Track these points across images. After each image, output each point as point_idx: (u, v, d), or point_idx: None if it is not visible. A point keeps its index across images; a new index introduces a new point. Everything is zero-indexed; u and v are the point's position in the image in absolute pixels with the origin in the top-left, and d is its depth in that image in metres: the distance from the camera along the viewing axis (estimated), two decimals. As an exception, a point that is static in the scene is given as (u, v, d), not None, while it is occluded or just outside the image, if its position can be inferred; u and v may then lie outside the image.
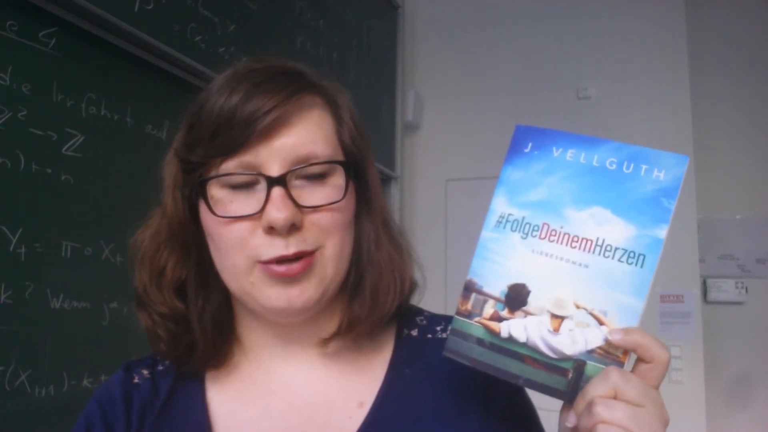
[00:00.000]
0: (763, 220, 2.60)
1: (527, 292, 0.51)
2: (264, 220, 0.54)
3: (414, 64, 2.98)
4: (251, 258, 0.55)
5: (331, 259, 0.57)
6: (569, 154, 0.52)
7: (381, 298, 0.61)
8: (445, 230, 2.80)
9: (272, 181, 0.54)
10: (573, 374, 0.48)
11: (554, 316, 0.49)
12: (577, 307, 0.49)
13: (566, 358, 0.48)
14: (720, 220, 2.64)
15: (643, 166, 0.50)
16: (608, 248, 0.49)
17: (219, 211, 0.55)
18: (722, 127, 2.65)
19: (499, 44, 2.82)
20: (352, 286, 0.62)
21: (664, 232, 0.48)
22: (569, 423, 0.47)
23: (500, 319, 0.51)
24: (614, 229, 0.50)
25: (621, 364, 0.47)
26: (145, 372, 0.64)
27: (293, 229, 0.54)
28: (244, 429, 0.60)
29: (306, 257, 0.55)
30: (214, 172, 0.56)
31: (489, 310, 0.51)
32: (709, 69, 2.65)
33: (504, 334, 0.51)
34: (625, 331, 0.47)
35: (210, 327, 0.61)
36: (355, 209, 0.61)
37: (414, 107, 2.85)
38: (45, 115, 1.13)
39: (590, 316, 0.49)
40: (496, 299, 0.51)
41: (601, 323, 0.48)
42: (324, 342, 0.61)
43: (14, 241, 1.07)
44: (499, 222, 0.53)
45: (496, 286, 0.52)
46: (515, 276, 0.51)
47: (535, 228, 0.52)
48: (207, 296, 0.62)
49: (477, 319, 0.52)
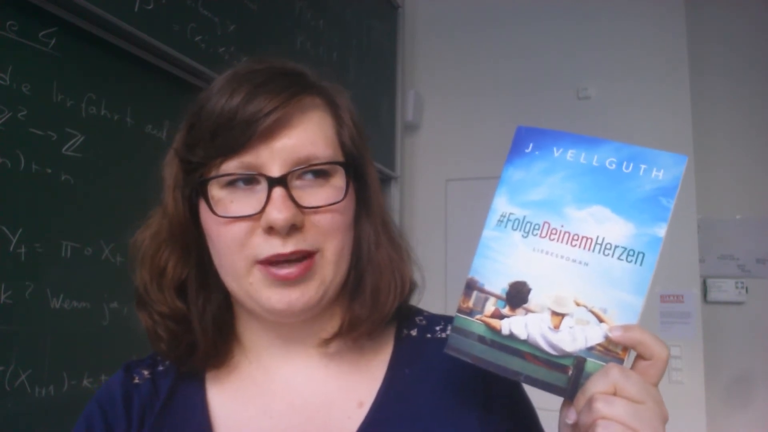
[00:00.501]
0: (763, 220, 2.60)
1: (528, 290, 0.51)
2: (264, 220, 0.54)
3: (414, 64, 2.98)
4: (250, 258, 0.55)
5: (331, 261, 0.57)
6: (570, 154, 0.53)
7: (381, 299, 0.61)
8: (445, 230, 2.80)
9: (273, 182, 0.54)
10: (573, 371, 0.48)
11: (555, 313, 0.50)
12: (578, 304, 0.49)
13: (566, 355, 0.49)
14: (720, 220, 2.65)
15: (642, 166, 0.50)
16: (608, 246, 0.50)
17: (219, 211, 0.55)
18: (722, 127, 2.65)
19: (499, 44, 2.82)
20: (352, 287, 0.62)
21: (663, 231, 0.49)
22: (569, 419, 0.47)
23: (501, 317, 0.51)
24: (614, 228, 0.50)
25: (621, 361, 0.47)
26: (145, 372, 0.64)
27: (293, 229, 0.54)
28: (244, 429, 0.60)
29: (306, 260, 0.55)
30: (214, 172, 0.56)
31: (490, 307, 0.52)
32: (709, 69, 2.65)
33: (505, 332, 0.51)
34: (625, 328, 0.47)
35: (211, 327, 0.61)
36: (355, 209, 0.61)
37: (414, 107, 2.85)
38: (45, 115, 1.13)
39: (590, 314, 0.49)
40: (498, 297, 0.52)
41: (601, 320, 0.48)
42: (325, 342, 0.61)
43: (14, 241, 1.07)
44: (500, 221, 0.53)
45: (497, 284, 0.52)
46: (516, 274, 0.51)
47: (536, 227, 0.52)
48: (207, 296, 0.62)
49: (478, 316, 0.52)
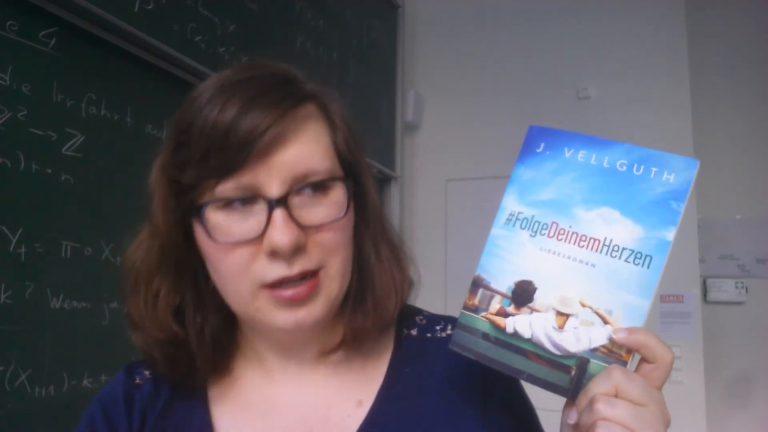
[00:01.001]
0: (763, 220, 2.60)
1: (534, 289, 0.51)
2: (266, 244, 0.51)
3: (414, 64, 2.98)
4: (255, 283, 0.53)
5: (335, 276, 0.56)
6: (581, 155, 0.53)
7: (383, 306, 0.60)
8: (445, 230, 2.80)
9: (273, 203, 0.51)
10: (576, 371, 0.48)
11: (559, 313, 0.49)
12: (583, 305, 0.49)
13: (570, 356, 0.49)
14: (720, 220, 2.64)
15: (653, 169, 0.50)
16: (615, 248, 0.49)
17: (218, 237, 0.53)
18: (722, 127, 2.65)
19: (499, 44, 2.81)
20: (353, 297, 0.61)
21: (671, 234, 0.48)
22: (570, 420, 0.47)
23: (506, 315, 0.51)
24: (622, 230, 0.50)
25: (624, 364, 0.47)
26: (146, 372, 0.64)
27: (297, 250, 0.52)
28: (245, 428, 0.60)
29: (311, 278, 0.54)
30: (209, 195, 0.52)
31: (495, 305, 0.52)
32: (710, 69, 2.65)
33: (509, 330, 0.51)
34: (630, 330, 0.47)
35: (210, 348, 0.60)
36: (354, 218, 0.60)
37: (414, 107, 2.85)
38: (45, 115, 1.13)
39: (595, 315, 0.49)
40: (503, 295, 0.52)
41: (605, 322, 0.48)
42: (327, 354, 0.61)
43: (14, 241, 1.07)
44: (508, 220, 0.53)
45: (503, 282, 0.52)
46: (523, 273, 0.51)
47: (544, 226, 0.52)
48: (205, 316, 0.60)
49: (483, 314, 0.52)
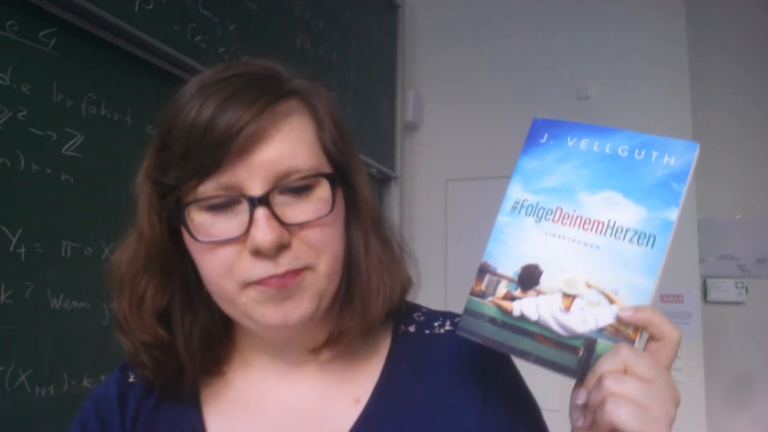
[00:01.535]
0: (763, 220, 2.60)
1: (540, 273, 0.51)
2: (249, 243, 0.51)
3: (414, 64, 2.98)
4: (240, 282, 0.53)
5: (325, 274, 0.55)
6: (583, 143, 0.54)
7: (371, 304, 0.60)
8: (445, 230, 2.79)
9: (254, 202, 0.51)
10: (584, 352, 0.48)
11: (566, 295, 0.50)
12: (589, 286, 0.49)
13: (577, 336, 0.49)
14: (720, 220, 2.64)
15: (654, 153, 0.51)
16: (619, 230, 0.50)
17: (201, 236, 0.52)
18: (722, 127, 2.65)
19: (499, 44, 2.82)
20: (342, 294, 0.60)
21: (674, 214, 0.49)
22: (579, 400, 0.47)
23: (513, 299, 0.51)
24: (625, 212, 0.50)
25: (632, 342, 0.47)
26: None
27: (282, 248, 0.52)
28: (238, 426, 0.60)
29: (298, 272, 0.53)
30: (192, 196, 0.52)
31: (502, 290, 0.52)
32: (709, 69, 2.65)
33: (516, 313, 0.51)
34: (636, 308, 0.47)
35: (198, 352, 0.60)
36: (344, 214, 0.59)
37: (414, 107, 2.85)
38: (45, 115, 1.13)
39: (601, 295, 0.49)
40: (510, 279, 0.52)
41: (612, 302, 0.48)
42: (314, 351, 0.60)
43: (14, 241, 1.07)
44: (514, 207, 0.54)
45: (509, 267, 0.52)
46: (528, 257, 0.52)
47: (549, 212, 0.52)
48: (194, 318, 0.60)
49: (490, 298, 0.52)
